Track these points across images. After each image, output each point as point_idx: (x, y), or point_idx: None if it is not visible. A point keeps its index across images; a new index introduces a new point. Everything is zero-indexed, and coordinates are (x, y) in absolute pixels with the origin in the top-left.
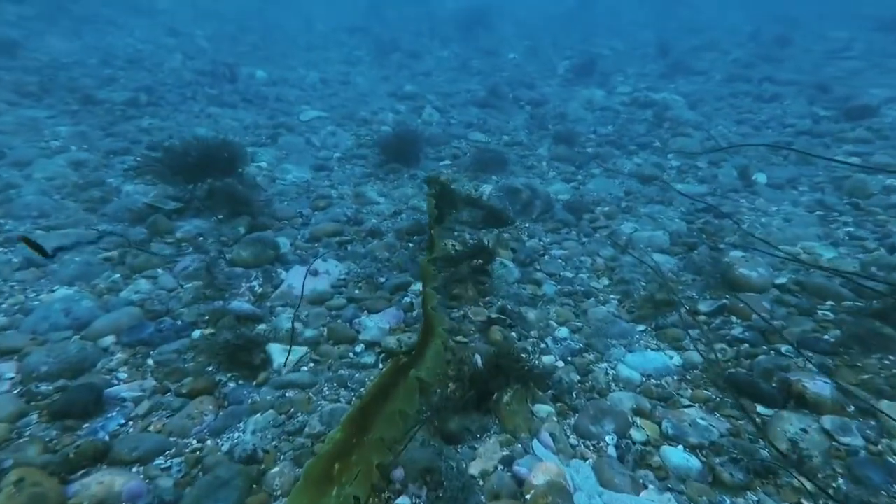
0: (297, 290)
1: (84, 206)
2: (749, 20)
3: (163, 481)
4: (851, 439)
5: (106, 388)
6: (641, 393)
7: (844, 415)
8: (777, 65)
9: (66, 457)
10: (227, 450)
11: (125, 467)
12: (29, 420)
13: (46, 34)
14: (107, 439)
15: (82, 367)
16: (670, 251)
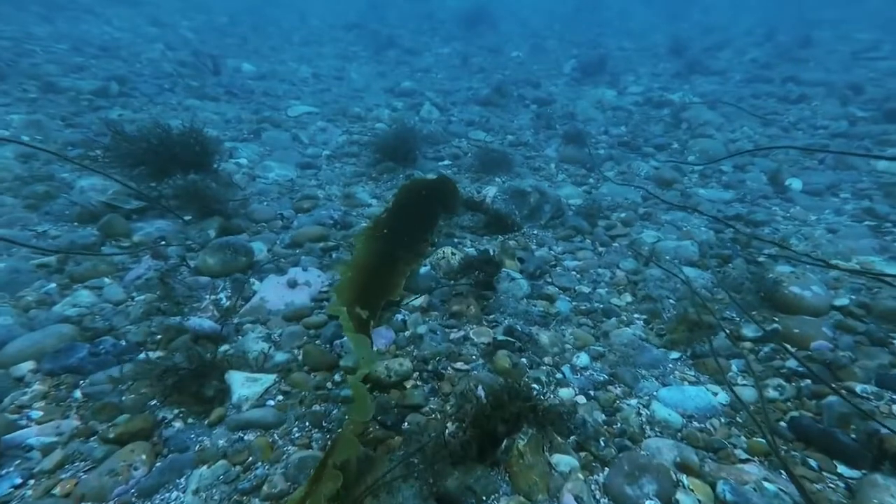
0: (272, 304)
1: (24, 203)
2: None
3: None
4: None
5: (7, 434)
6: (684, 440)
7: None
8: (800, 65)
9: None
10: None
11: None
12: None
13: (11, 20)
14: None
15: None
16: (701, 264)
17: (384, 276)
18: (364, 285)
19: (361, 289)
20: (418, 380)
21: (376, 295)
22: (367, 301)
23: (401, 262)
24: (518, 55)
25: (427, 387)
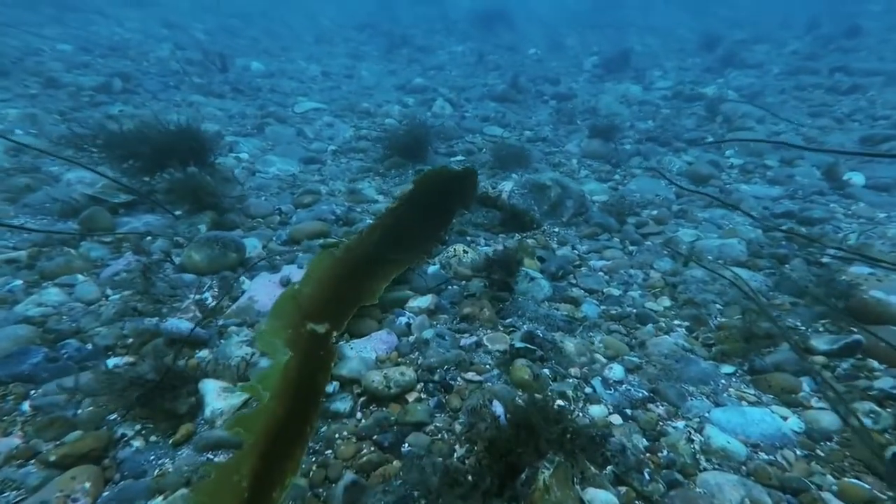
0: (261, 305)
1: (2, 196)
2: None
3: None
4: None
5: None
6: (751, 476)
7: None
8: (849, 55)
9: None
10: None
11: None
12: None
13: (24, 22)
14: None
15: None
16: (752, 265)
17: (359, 281)
18: (325, 296)
19: (320, 300)
20: (423, 392)
21: (344, 304)
22: (330, 312)
23: (389, 265)
24: (536, 52)
25: (433, 400)
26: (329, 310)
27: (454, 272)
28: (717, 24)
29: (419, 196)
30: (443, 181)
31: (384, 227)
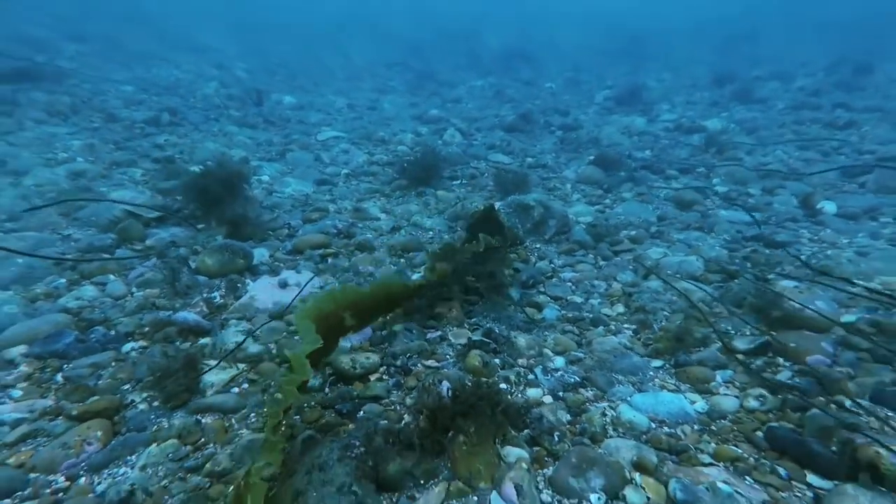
0: (260, 303)
1: (58, 211)
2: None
3: None
4: None
5: None
6: (647, 442)
7: None
8: (855, 92)
9: None
10: (103, 490)
11: None
12: None
13: (97, 67)
14: None
15: None
16: (704, 279)
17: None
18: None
19: (357, 301)
20: (384, 374)
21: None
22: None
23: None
24: (551, 87)
25: (392, 381)
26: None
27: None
28: (739, 62)
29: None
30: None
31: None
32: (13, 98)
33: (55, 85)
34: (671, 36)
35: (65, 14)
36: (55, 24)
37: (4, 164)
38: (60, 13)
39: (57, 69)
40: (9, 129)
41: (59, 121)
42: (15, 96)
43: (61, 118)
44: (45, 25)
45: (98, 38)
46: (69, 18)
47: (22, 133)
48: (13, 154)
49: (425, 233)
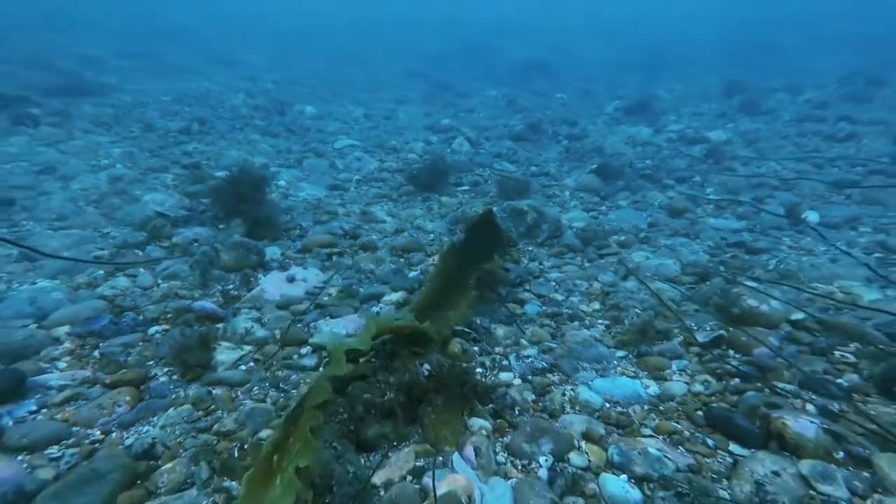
0: (269, 295)
1: (100, 212)
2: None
3: (43, 472)
4: (833, 489)
5: (35, 376)
6: (599, 418)
7: (831, 461)
8: (863, 104)
9: None
10: (130, 443)
11: (12, 455)
12: None
13: (139, 81)
14: (8, 424)
15: (23, 353)
16: (678, 280)
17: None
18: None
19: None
20: (373, 357)
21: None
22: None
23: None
24: (563, 97)
25: (379, 363)
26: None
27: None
28: (754, 74)
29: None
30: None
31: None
32: (65, 110)
33: (101, 98)
34: (693, 49)
35: (116, 33)
36: (107, 42)
37: (55, 169)
38: (112, 33)
39: (104, 84)
40: (60, 138)
41: (103, 130)
42: (67, 108)
43: (105, 128)
44: (98, 44)
45: (142, 55)
46: (120, 37)
47: (71, 142)
48: (63, 161)
49: (426, 235)
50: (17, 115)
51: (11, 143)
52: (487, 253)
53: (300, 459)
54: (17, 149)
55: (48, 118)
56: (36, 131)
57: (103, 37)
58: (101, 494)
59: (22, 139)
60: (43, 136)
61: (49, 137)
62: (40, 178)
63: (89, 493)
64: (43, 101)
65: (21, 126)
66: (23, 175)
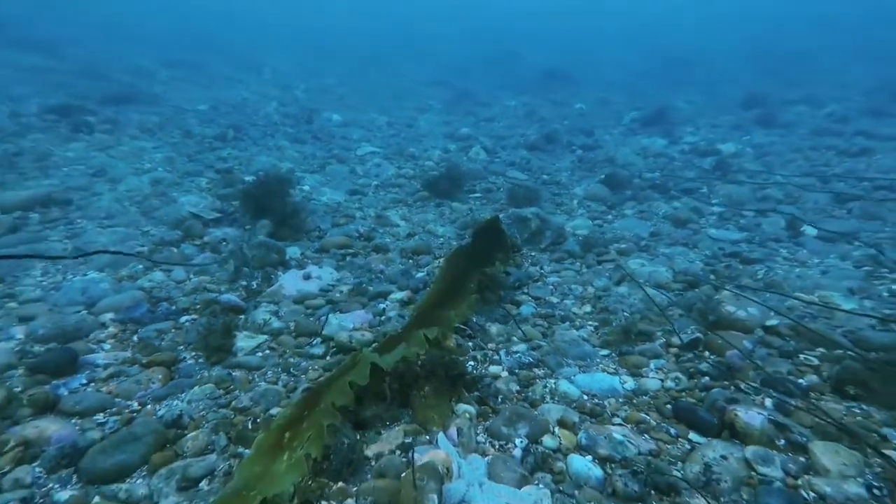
0: (287, 290)
1: (141, 211)
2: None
3: (92, 433)
4: (770, 470)
5: (85, 354)
6: (575, 408)
7: (772, 447)
8: (885, 119)
9: (20, 402)
10: (161, 414)
11: (68, 419)
12: (13, 372)
13: (183, 90)
14: (64, 394)
15: (75, 335)
16: (667, 287)
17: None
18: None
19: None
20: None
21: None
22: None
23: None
24: (582, 107)
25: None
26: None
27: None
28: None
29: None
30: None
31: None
32: (116, 118)
33: (148, 106)
34: (719, 55)
35: (163, 43)
36: (155, 52)
37: (105, 172)
38: (159, 43)
39: (150, 93)
40: (110, 143)
41: (148, 136)
42: (117, 116)
43: (149, 134)
44: (147, 55)
45: (185, 64)
46: (166, 47)
47: (119, 147)
48: (112, 165)
49: (436, 239)
50: (76, 123)
51: (71, 148)
52: (490, 257)
53: (312, 448)
54: (75, 153)
55: (101, 125)
56: (91, 137)
57: (151, 47)
58: (138, 453)
59: (79, 145)
60: (97, 141)
61: (101, 143)
62: (93, 181)
63: (129, 451)
64: (97, 110)
65: (79, 133)
66: (79, 177)
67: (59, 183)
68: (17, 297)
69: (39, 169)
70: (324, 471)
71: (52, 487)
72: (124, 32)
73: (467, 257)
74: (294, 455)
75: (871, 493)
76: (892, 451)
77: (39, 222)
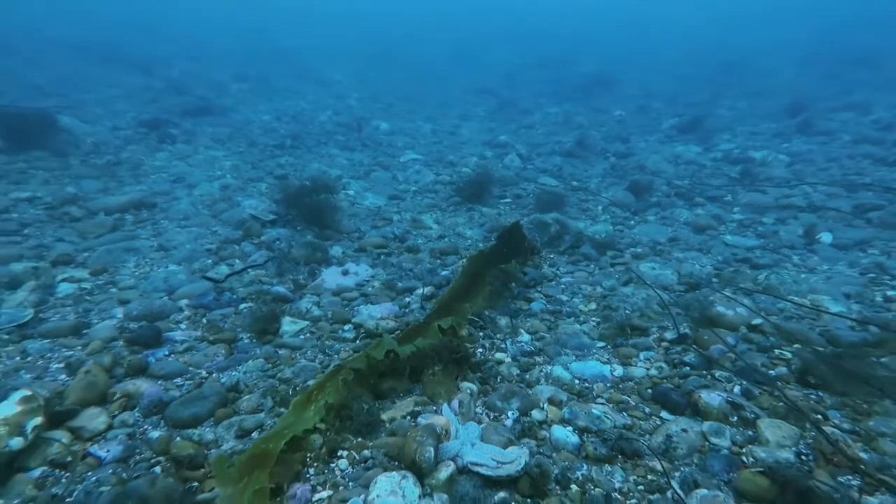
0: (327, 284)
1: (211, 213)
2: None
3: (172, 392)
4: (720, 440)
5: (167, 332)
6: (564, 389)
7: (726, 423)
8: None
9: (122, 366)
10: (223, 381)
11: (156, 381)
12: (116, 343)
13: (250, 102)
14: (152, 361)
15: (159, 316)
16: (670, 289)
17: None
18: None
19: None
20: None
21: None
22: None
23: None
24: (621, 114)
25: None
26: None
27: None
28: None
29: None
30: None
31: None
32: (193, 130)
33: (220, 118)
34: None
35: (235, 58)
36: (228, 67)
37: (184, 179)
38: (232, 58)
39: (223, 106)
40: (188, 153)
41: (219, 146)
42: (194, 128)
43: (220, 144)
44: (222, 70)
45: (254, 78)
46: (237, 61)
47: (196, 156)
48: (189, 172)
49: (465, 241)
50: (162, 135)
51: (157, 157)
52: (510, 258)
53: (329, 397)
54: (161, 162)
55: (182, 137)
56: (173, 148)
57: (225, 62)
58: (206, 408)
59: (164, 154)
60: (178, 151)
61: (182, 153)
62: (174, 186)
63: (200, 406)
64: (179, 122)
65: (164, 144)
66: (162, 183)
67: (147, 189)
68: (118, 284)
69: (133, 176)
70: (346, 428)
71: (146, 428)
72: (203, 49)
73: (488, 258)
74: (318, 405)
75: (799, 459)
76: (830, 427)
77: (132, 223)
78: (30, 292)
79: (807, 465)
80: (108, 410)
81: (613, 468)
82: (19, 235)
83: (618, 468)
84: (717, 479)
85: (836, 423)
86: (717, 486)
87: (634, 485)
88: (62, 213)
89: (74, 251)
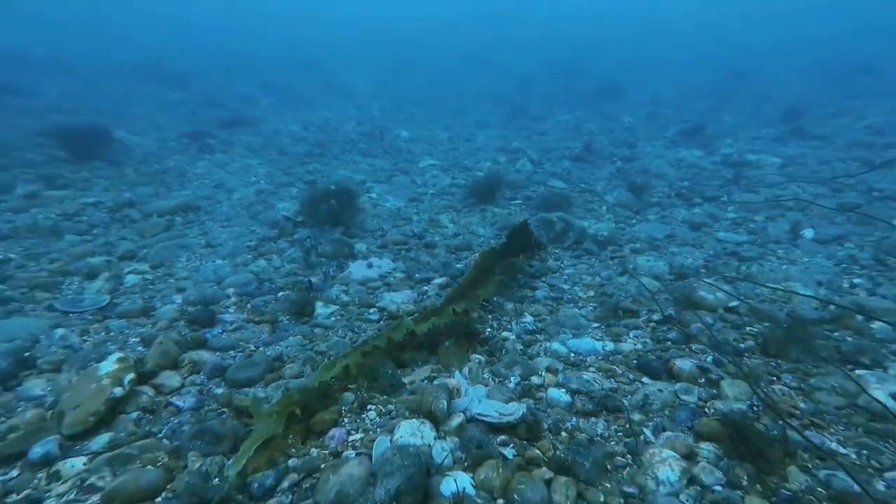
0: (354, 276)
1: (249, 215)
2: None
3: (228, 361)
4: (688, 397)
5: (219, 314)
6: (560, 360)
7: (695, 384)
8: None
9: (186, 340)
10: (270, 353)
11: (214, 352)
12: (178, 322)
13: (279, 113)
14: (209, 337)
15: (212, 301)
16: (661, 278)
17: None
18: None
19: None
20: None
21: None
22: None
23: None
24: (629, 121)
25: None
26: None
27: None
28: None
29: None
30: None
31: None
32: (229, 140)
33: (253, 129)
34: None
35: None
36: (260, 79)
37: (223, 185)
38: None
39: (255, 117)
40: (226, 161)
41: (253, 155)
42: (230, 139)
43: (254, 153)
44: (254, 83)
45: (282, 90)
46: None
47: (233, 164)
48: (227, 179)
49: (477, 238)
50: (202, 145)
51: (198, 165)
52: (518, 253)
53: (349, 360)
54: (202, 170)
55: (219, 146)
56: (212, 157)
57: (253, 72)
58: (257, 373)
59: (205, 163)
60: (217, 160)
61: (220, 161)
62: (215, 191)
63: (252, 371)
64: (216, 133)
65: (204, 153)
66: (205, 189)
67: (191, 193)
68: (174, 276)
69: (179, 183)
70: (374, 388)
71: (211, 387)
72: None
73: (498, 253)
74: (338, 366)
75: (750, 410)
76: (780, 386)
77: (182, 224)
78: (104, 281)
79: (756, 414)
80: (179, 373)
81: (598, 420)
82: (90, 235)
83: (601, 420)
84: (682, 425)
85: (787, 382)
86: (681, 430)
87: (615, 432)
88: (122, 216)
89: (136, 248)
